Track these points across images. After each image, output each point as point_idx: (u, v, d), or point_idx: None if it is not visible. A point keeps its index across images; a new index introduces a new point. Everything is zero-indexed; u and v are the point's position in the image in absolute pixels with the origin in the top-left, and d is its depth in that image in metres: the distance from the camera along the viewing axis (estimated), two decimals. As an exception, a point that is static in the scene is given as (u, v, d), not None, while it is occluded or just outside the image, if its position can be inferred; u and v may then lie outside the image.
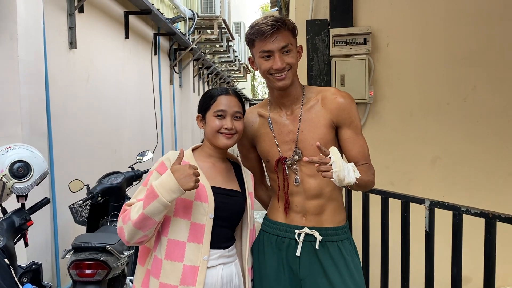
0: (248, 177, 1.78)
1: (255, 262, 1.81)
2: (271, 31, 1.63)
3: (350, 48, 3.20)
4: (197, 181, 1.49)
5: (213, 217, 1.58)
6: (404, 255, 2.27)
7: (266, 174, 1.95)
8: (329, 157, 1.46)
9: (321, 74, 3.33)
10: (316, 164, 1.47)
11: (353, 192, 2.64)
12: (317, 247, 1.70)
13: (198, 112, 1.72)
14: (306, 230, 1.71)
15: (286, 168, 1.75)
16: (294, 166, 1.74)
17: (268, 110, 1.81)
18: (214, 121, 1.64)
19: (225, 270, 1.62)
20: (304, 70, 3.36)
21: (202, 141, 1.77)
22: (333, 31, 3.21)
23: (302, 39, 3.37)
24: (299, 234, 1.72)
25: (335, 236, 1.74)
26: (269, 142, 1.78)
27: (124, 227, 1.52)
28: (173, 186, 1.46)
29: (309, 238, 1.72)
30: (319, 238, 1.70)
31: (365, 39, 3.19)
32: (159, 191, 1.46)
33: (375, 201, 2.42)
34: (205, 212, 1.58)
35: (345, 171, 1.46)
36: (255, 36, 1.67)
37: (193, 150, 1.73)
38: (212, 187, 1.62)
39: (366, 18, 3.27)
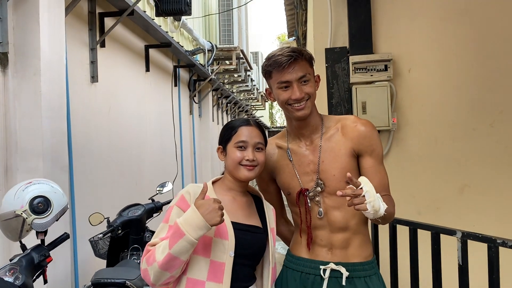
0: (270, 211, 1.72)
1: None
2: (288, 61, 1.62)
3: (371, 75, 3.15)
4: (222, 215, 1.44)
5: (233, 255, 1.52)
6: (436, 290, 2.15)
7: (287, 208, 1.88)
8: (361, 188, 1.41)
9: (341, 102, 3.28)
10: (348, 198, 1.41)
11: (380, 225, 2.54)
12: (343, 283, 1.62)
13: (219, 144, 1.69)
14: (332, 265, 1.64)
15: (308, 201, 1.69)
16: (317, 198, 1.69)
17: (286, 141, 1.78)
18: (235, 152, 1.61)
19: None
20: (325, 98, 3.32)
21: (222, 173, 1.73)
22: (353, 58, 3.19)
23: (321, 67, 3.35)
24: (324, 270, 1.65)
25: (363, 272, 1.67)
26: (289, 173, 1.74)
27: (149, 269, 1.44)
28: (199, 222, 1.41)
29: (335, 274, 1.65)
30: (345, 274, 1.63)
31: (386, 66, 3.14)
32: (185, 228, 1.40)
33: (402, 233, 2.32)
34: (225, 249, 1.51)
35: (379, 201, 1.41)
36: (272, 67, 1.66)
37: (213, 182, 1.68)
38: (232, 223, 1.55)
39: (386, 45, 3.24)
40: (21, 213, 1.89)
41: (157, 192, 3.69)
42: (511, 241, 1.81)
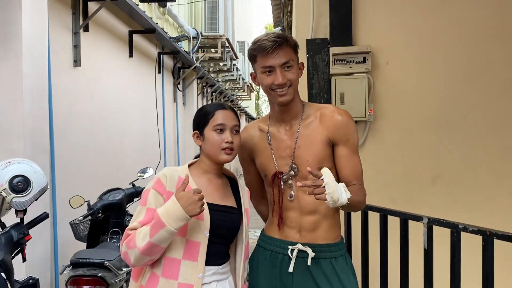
0: (245, 193, 1.78)
1: (250, 277, 1.80)
2: (272, 47, 1.65)
3: (350, 67, 3.23)
4: (202, 205, 1.50)
5: (208, 234, 1.58)
6: (403, 273, 2.26)
7: None
8: (322, 179, 1.46)
9: (321, 92, 3.36)
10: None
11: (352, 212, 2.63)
12: (309, 263, 1.69)
13: (195, 129, 1.72)
14: (299, 246, 1.71)
15: (282, 183, 1.75)
16: (290, 182, 1.74)
17: (268, 125, 1.83)
18: (213, 136, 1.64)
19: (219, 287, 1.62)
20: (305, 88, 3.39)
21: (197, 157, 1.77)
22: (333, 50, 3.25)
23: (302, 57, 3.41)
24: (292, 250, 1.72)
25: (329, 253, 1.73)
26: (267, 156, 1.79)
27: (129, 252, 1.51)
28: (179, 214, 1.46)
29: (302, 255, 1.71)
30: (311, 254, 1.69)
31: (364, 58, 3.22)
32: (166, 220, 1.45)
33: (375, 218, 2.41)
34: (201, 229, 1.57)
35: (338, 192, 1.45)
36: (257, 51, 1.69)
37: (189, 166, 1.72)
38: (208, 204, 1.60)
39: (365, 37, 3.31)
40: (1, 192, 1.92)
41: (138, 177, 3.73)
42: (472, 226, 1.91)
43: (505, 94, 3.22)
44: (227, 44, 9.28)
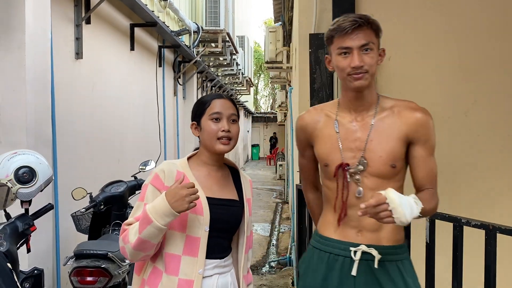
0: (247, 183, 1.74)
1: (303, 281, 1.71)
2: (352, 27, 1.54)
3: (353, 62, 3.24)
4: (192, 200, 1.44)
5: (208, 229, 1.55)
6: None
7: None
8: (387, 203, 1.36)
9: (323, 87, 3.36)
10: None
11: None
12: (376, 266, 1.56)
13: (192, 120, 1.67)
14: (363, 247, 1.58)
15: (348, 176, 1.62)
16: (357, 177, 1.61)
17: (336, 112, 1.70)
18: (210, 125, 1.59)
19: (220, 280, 1.60)
20: (307, 82, 3.39)
21: (196, 149, 1.72)
22: (336, 45, 3.26)
23: (305, 52, 3.42)
24: (355, 252, 1.59)
25: (395, 256, 1.61)
26: (331, 145, 1.66)
27: (125, 247, 1.50)
28: (166, 210, 1.43)
29: (365, 257, 1.59)
30: (377, 256, 1.56)
31: (367, 53, 3.22)
32: (153, 216, 1.43)
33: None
34: (201, 225, 1.55)
35: (406, 214, 1.35)
36: (335, 32, 1.57)
37: (188, 158, 1.67)
38: (208, 198, 1.57)
39: (368, 32, 3.32)
40: (6, 182, 1.93)
41: (140, 170, 3.75)
42: (474, 220, 1.93)
43: (506, 90, 3.23)
44: (227, 39, 9.26)
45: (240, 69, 13.36)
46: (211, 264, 1.58)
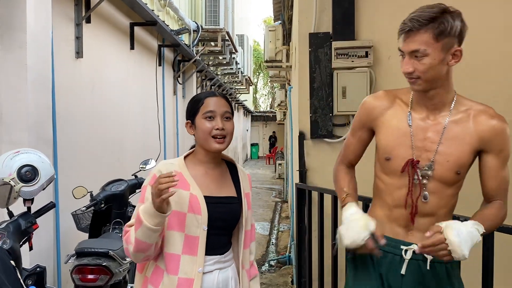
0: (245, 177, 1.74)
1: (349, 276, 1.68)
2: (404, 31, 1.49)
3: (352, 61, 3.26)
4: (161, 195, 1.40)
5: (206, 228, 1.56)
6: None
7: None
8: (446, 243, 1.35)
9: (323, 86, 3.38)
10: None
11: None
12: (428, 267, 1.53)
13: (187, 119, 1.67)
14: (415, 247, 1.51)
15: (419, 174, 1.53)
16: (424, 181, 1.54)
17: (410, 103, 1.61)
18: (204, 123, 1.59)
19: (221, 275, 1.61)
20: (307, 81, 3.42)
21: (193, 147, 1.73)
22: (335, 44, 3.28)
23: (305, 51, 3.44)
24: (405, 251, 1.55)
25: None
26: (401, 138, 1.57)
27: (128, 248, 1.53)
28: (151, 210, 1.44)
29: (415, 257, 1.55)
30: (429, 257, 1.53)
31: (366, 52, 3.25)
32: (143, 216, 1.46)
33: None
34: (199, 224, 1.56)
35: (465, 252, 1.35)
36: (400, 30, 1.52)
37: (185, 157, 1.68)
38: (205, 197, 1.58)
39: (367, 32, 3.34)
40: (9, 181, 1.95)
41: (140, 168, 3.76)
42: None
43: (503, 91, 3.25)
44: (227, 38, 9.27)
45: (239, 68, 13.36)
46: (212, 260, 1.60)
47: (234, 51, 10.77)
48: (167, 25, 6.75)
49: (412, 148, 1.54)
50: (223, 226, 1.63)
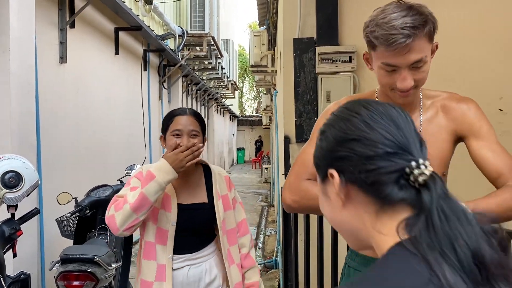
0: (221, 179, 1.89)
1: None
2: (405, 42, 1.21)
3: (336, 66, 3.30)
4: (189, 160, 1.69)
5: (175, 225, 1.76)
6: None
7: None
8: None
9: (307, 90, 3.42)
10: None
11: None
12: None
13: (161, 132, 1.86)
14: None
15: None
16: None
17: None
18: (171, 140, 1.77)
19: (192, 270, 1.79)
20: (292, 86, 3.44)
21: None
22: (320, 49, 3.32)
23: (289, 56, 3.47)
24: None
25: None
26: None
27: (116, 214, 1.67)
28: (167, 169, 1.67)
29: None
30: None
31: (350, 57, 3.29)
32: (156, 173, 1.66)
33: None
34: (168, 220, 1.76)
35: None
36: (379, 42, 1.24)
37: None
38: (178, 204, 1.77)
39: (351, 37, 3.38)
40: (-7, 187, 1.93)
41: (126, 174, 3.74)
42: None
43: (480, 94, 3.32)
44: (212, 43, 9.29)
45: (225, 73, 13.38)
46: (181, 258, 1.78)
47: (219, 55, 10.79)
48: (152, 30, 6.74)
49: None
50: (192, 230, 1.80)
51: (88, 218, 3.23)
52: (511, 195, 1.21)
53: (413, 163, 0.70)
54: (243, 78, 33.30)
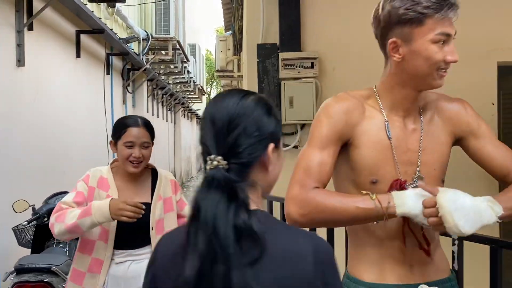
0: (167, 183, 1.99)
1: None
2: (456, 5, 1.16)
3: (299, 72, 3.34)
4: (126, 216, 1.76)
5: (116, 225, 1.87)
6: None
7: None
8: (435, 202, 1.08)
9: (271, 96, 3.45)
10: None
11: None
12: None
13: (112, 137, 1.95)
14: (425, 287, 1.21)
15: None
16: None
17: (380, 108, 1.26)
18: (124, 149, 1.88)
19: (133, 266, 1.89)
20: (256, 91, 3.46)
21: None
22: (282, 55, 3.35)
23: (253, 61, 3.49)
24: None
25: None
26: (383, 154, 1.22)
27: (56, 225, 1.80)
28: (105, 213, 1.77)
29: None
30: None
31: (312, 63, 3.34)
32: (94, 211, 1.77)
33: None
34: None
35: (459, 224, 1.05)
36: (433, 10, 1.14)
37: (112, 166, 1.98)
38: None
39: (313, 43, 3.43)
40: None
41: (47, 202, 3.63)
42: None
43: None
44: (178, 47, 9.23)
45: (191, 77, 13.32)
46: (123, 253, 1.90)
47: (185, 60, 10.73)
48: (115, 33, 6.64)
49: (396, 165, 1.21)
50: (132, 227, 1.87)
51: (46, 226, 3.13)
52: None
53: None
54: (210, 82, 33.16)
